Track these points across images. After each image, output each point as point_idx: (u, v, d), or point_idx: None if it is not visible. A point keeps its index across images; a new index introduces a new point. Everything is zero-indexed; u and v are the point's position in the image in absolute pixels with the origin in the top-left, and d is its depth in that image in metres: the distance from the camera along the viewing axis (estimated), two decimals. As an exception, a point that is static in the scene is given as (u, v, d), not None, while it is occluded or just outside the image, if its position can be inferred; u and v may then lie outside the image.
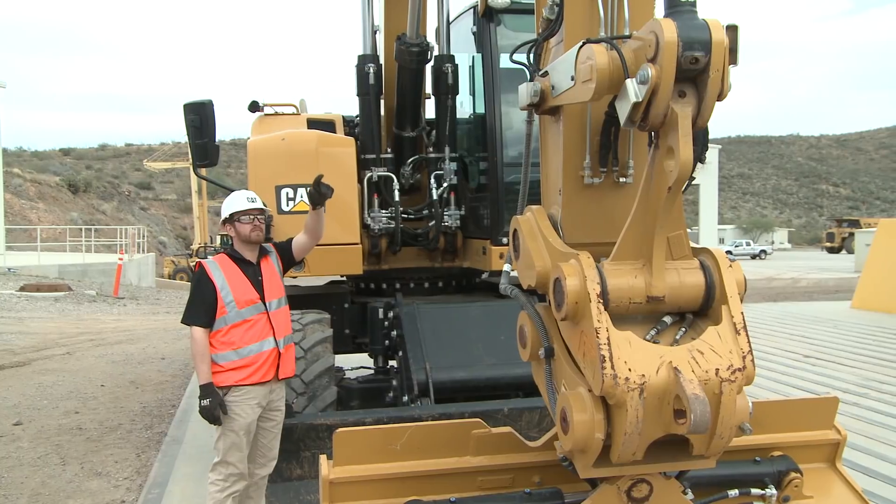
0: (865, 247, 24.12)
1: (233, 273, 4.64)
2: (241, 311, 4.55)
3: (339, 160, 6.33)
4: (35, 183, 50.05)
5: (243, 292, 4.60)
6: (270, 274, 4.80)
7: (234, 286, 4.59)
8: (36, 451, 7.19)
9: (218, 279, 4.58)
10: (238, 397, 4.51)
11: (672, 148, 2.36)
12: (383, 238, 6.65)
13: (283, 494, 5.12)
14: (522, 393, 5.79)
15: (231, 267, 4.67)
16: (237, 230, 4.71)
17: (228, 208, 4.74)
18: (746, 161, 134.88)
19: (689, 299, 2.60)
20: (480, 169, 6.74)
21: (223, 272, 4.63)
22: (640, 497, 2.73)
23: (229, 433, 4.51)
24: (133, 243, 33.74)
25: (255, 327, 4.58)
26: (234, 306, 4.54)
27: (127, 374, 10.90)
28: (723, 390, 2.41)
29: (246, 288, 4.62)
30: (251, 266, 4.72)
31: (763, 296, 24.49)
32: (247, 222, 4.68)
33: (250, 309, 4.59)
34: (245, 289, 4.61)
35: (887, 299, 16.36)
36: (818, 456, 3.36)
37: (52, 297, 20.96)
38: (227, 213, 4.73)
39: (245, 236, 4.70)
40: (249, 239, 4.71)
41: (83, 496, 6.07)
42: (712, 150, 44.23)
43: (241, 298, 4.57)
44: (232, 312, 4.53)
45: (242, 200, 4.74)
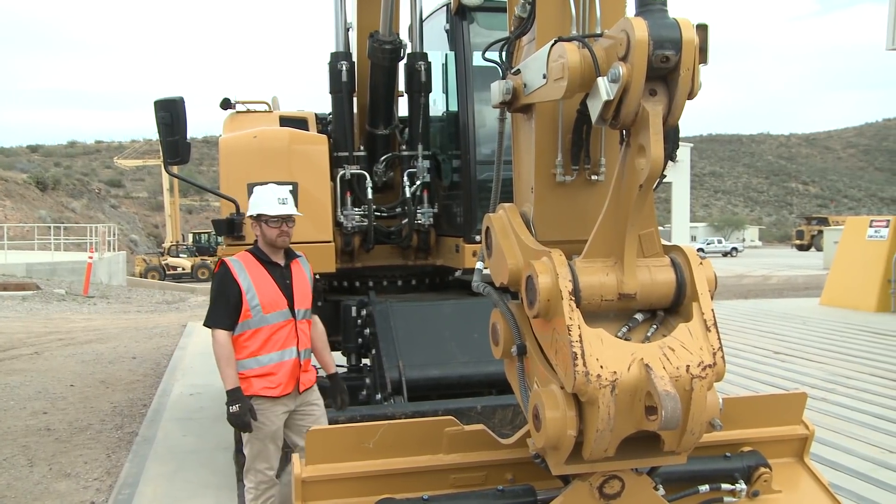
0: (834, 244, 24.44)
1: (259, 274, 4.44)
2: (267, 316, 4.38)
3: (311, 158, 6.30)
4: (1, 180, 49.33)
5: (271, 296, 4.41)
6: (301, 280, 4.61)
7: (260, 289, 4.39)
8: (2, 453, 7.08)
9: (244, 280, 4.38)
10: (261, 405, 4.37)
11: (643, 146, 2.37)
12: (356, 236, 6.63)
13: (255, 494, 5.09)
14: (495, 390, 5.79)
15: (257, 268, 4.46)
16: (263, 231, 4.50)
17: (256, 206, 4.51)
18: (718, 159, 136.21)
19: (660, 296, 2.62)
20: (453, 167, 6.74)
21: (248, 273, 4.42)
22: (612, 493, 2.74)
23: (255, 441, 4.41)
24: (103, 241, 33.39)
25: (278, 334, 4.41)
26: (260, 310, 4.37)
27: (97, 374, 10.78)
28: (693, 387, 2.43)
29: (273, 291, 4.43)
30: (278, 268, 4.53)
31: (734, 293, 24.75)
32: (274, 226, 4.47)
33: (276, 315, 4.41)
34: (273, 292, 4.42)
35: (855, 296, 16.61)
36: (787, 451, 3.40)
37: (19, 296, 20.69)
38: (255, 212, 4.51)
39: (271, 240, 4.50)
40: (275, 244, 4.51)
41: (51, 498, 5.99)
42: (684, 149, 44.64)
43: (268, 303, 4.39)
44: (256, 317, 4.36)
45: (272, 202, 4.48)
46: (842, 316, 15.58)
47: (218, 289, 4.48)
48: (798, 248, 65.33)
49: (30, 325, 16.17)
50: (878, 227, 16.81)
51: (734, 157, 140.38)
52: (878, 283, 16.22)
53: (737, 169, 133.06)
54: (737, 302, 19.73)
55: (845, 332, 13.53)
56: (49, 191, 53.32)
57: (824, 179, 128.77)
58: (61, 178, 58.78)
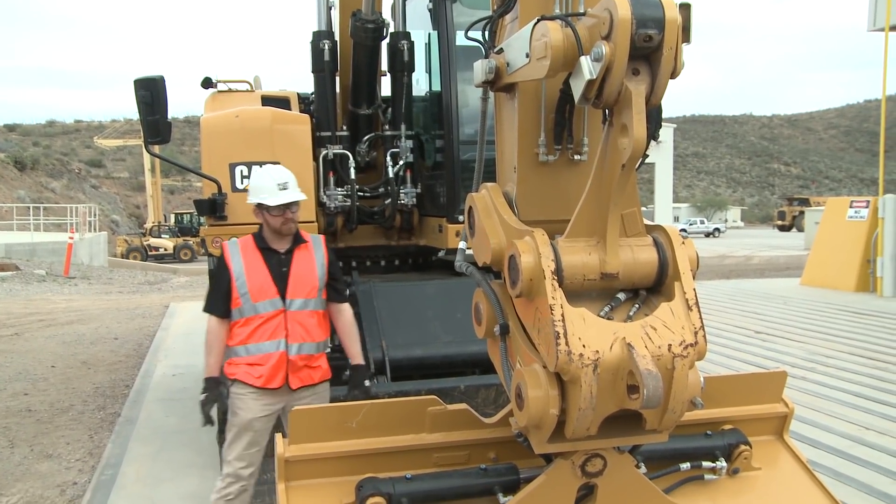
0: (814, 225, 24.64)
1: (253, 260, 4.22)
2: (256, 304, 4.16)
3: (293, 138, 6.26)
4: (-21, 160, 48.77)
5: (260, 284, 4.18)
6: (303, 267, 4.29)
7: (251, 276, 4.18)
8: (-17, 434, 7.05)
9: (235, 266, 4.20)
10: (241, 391, 4.20)
11: (626, 125, 2.37)
12: (339, 216, 6.61)
13: (238, 474, 5.09)
14: (478, 370, 5.81)
15: (253, 253, 4.24)
16: (266, 220, 4.26)
17: (255, 194, 4.26)
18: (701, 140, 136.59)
19: (642, 276, 2.63)
20: (436, 147, 6.73)
21: (243, 258, 4.22)
22: (594, 471, 2.76)
23: (231, 426, 4.24)
24: (84, 222, 33.08)
25: (267, 325, 4.17)
26: (249, 298, 4.15)
27: (79, 355, 10.73)
28: (675, 366, 2.45)
29: (264, 279, 4.19)
30: (276, 255, 4.26)
31: (716, 273, 24.90)
32: (277, 214, 4.21)
33: (266, 304, 4.17)
34: (262, 280, 4.19)
35: (835, 276, 16.77)
36: (767, 429, 3.43)
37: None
38: (254, 201, 4.24)
39: (275, 229, 4.26)
40: (280, 232, 4.28)
41: (33, 478, 5.97)
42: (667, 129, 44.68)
43: (257, 291, 4.16)
44: (246, 305, 4.16)
45: (272, 190, 4.20)
46: (822, 296, 15.73)
47: (214, 273, 4.38)
48: (779, 228, 65.75)
49: (9, 305, 16.04)
50: (857, 207, 16.95)
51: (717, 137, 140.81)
52: (857, 263, 16.38)
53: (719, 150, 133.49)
54: (719, 282, 19.86)
55: (825, 311, 13.67)
56: (28, 170, 52.72)
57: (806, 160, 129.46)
58: (40, 158, 58.12)
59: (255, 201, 4.22)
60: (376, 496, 2.77)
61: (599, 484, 2.81)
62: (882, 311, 13.57)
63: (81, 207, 34.12)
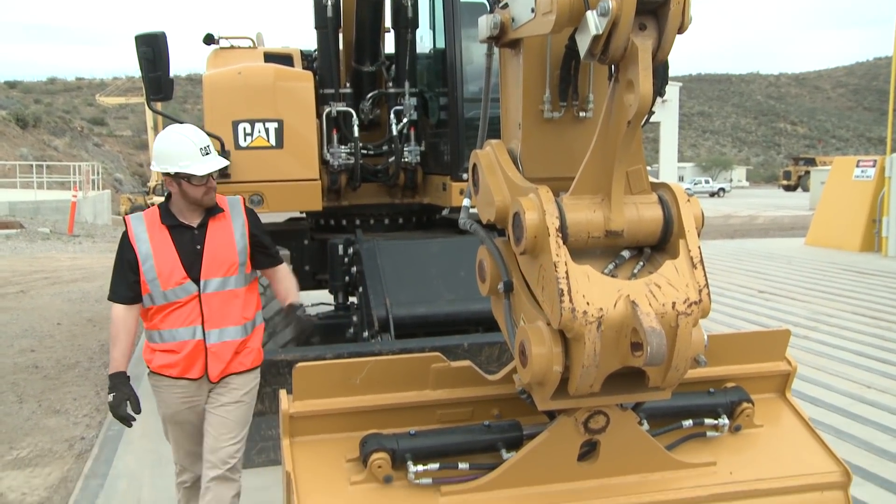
0: (820, 185, 24.51)
1: (161, 240, 3.62)
2: (166, 291, 3.59)
3: (297, 95, 6.23)
4: (-20, 117, 48.57)
5: (170, 268, 3.59)
6: (219, 242, 3.68)
7: (159, 259, 3.59)
8: (-9, 390, 7.13)
9: (142, 247, 3.60)
10: (157, 382, 3.75)
11: (632, 81, 2.34)
12: (343, 174, 6.59)
13: (244, 430, 5.14)
14: (482, 328, 5.84)
15: (160, 231, 3.64)
16: (183, 190, 3.60)
17: (171, 161, 3.57)
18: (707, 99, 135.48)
19: (647, 233, 2.62)
20: (440, 104, 6.68)
21: (150, 239, 3.62)
22: (596, 428, 2.78)
23: (162, 421, 3.89)
24: (87, 180, 33.01)
25: (181, 310, 3.62)
26: (158, 285, 3.58)
27: (84, 312, 10.79)
28: (679, 323, 2.45)
29: (172, 262, 3.59)
30: (188, 232, 3.65)
31: (720, 233, 24.87)
32: (199, 184, 3.59)
33: (176, 290, 3.60)
34: (171, 263, 3.59)
35: (839, 236, 16.73)
36: (769, 387, 3.44)
37: (3, 235, 20.55)
38: (172, 170, 3.57)
39: (195, 200, 3.63)
40: (202, 204, 3.66)
41: (41, 433, 6.04)
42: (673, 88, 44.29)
43: (167, 276, 3.58)
44: (156, 291, 3.59)
45: (195, 156, 3.58)
46: (826, 255, 15.71)
47: (118, 254, 3.70)
48: (785, 188, 65.54)
49: (14, 263, 16.09)
50: (864, 167, 16.85)
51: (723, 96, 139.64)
52: (862, 222, 16.33)
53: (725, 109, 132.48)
54: (723, 242, 19.84)
55: (829, 271, 13.67)
56: (30, 128, 52.45)
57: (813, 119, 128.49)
58: (42, 116, 57.81)
59: (174, 170, 3.56)
60: (380, 451, 2.80)
61: (602, 441, 2.84)
62: (886, 271, 13.56)
63: (84, 166, 34.04)
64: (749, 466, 3.12)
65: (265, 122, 6.04)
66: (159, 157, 3.62)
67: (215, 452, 3.67)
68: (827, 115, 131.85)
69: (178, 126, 3.78)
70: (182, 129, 3.70)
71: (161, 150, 3.62)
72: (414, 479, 2.80)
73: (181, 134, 3.65)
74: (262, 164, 6.06)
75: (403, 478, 2.81)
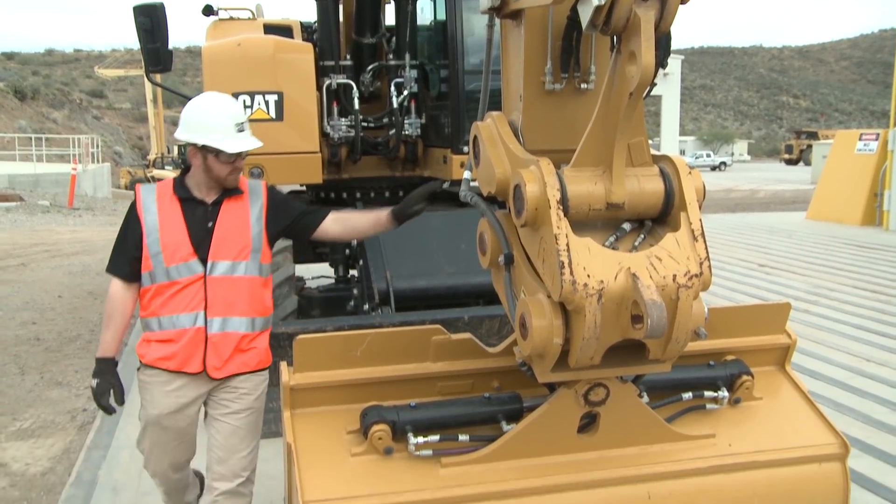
0: (822, 159, 24.43)
1: (170, 213, 3.33)
2: (170, 268, 3.27)
3: (296, 67, 6.18)
4: (-22, 89, 48.31)
5: (176, 242, 3.29)
6: (232, 223, 3.37)
7: (165, 232, 3.29)
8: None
9: (148, 219, 3.31)
10: (147, 378, 3.37)
11: (634, 52, 2.32)
12: (343, 147, 6.56)
13: (245, 402, 5.17)
14: (483, 301, 5.85)
15: (171, 203, 3.35)
16: (208, 166, 3.30)
17: (203, 133, 3.26)
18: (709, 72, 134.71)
19: (648, 206, 2.61)
20: (441, 77, 6.64)
21: (158, 210, 3.33)
22: (596, 400, 2.79)
23: (142, 422, 3.48)
24: (87, 153, 32.89)
25: (183, 293, 3.29)
26: (161, 260, 3.27)
27: (85, 285, 10.80)
28: (679, 296, 2.45)
29: (180, 236, 3.30)
30: (201, 207, 3.36)
31: (721, 207, 24.83)
32: (226, 161, 3.29)
33: (180, 267, 3.28)
34: (178, 237, 3.30)
35: (841, 210, 16.71)
36: (769, 360, 3.45)
37: (3, 208, 20.54)
38: (201, 142, 3.26)
39: (218, 178, 3.34)
40: (225, 183, 3.37)
41: (44, 405, 6.07)
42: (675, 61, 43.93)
43: (172, 251, 3.28)
44: (158, 268, 3.28)
45: (229, 131, 3.28)
46: (827, 229, 15.70)
47: (123, 224, 3.43)
48: (786, 162, 65.37)
49: (14, 236, 16.09)
50: (867, 140, 16.78)
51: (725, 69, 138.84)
52: (864, 196, 16.30)
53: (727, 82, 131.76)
54: (724, 215, 19.82)
55: (830, 245, 13.67)
56: (28, 100, 52.18)
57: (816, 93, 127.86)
58: (40, 88, 57.46)
59: (203, 142, 3.25)
60: (380, 423, 2.81)
61: (602, 413, 2.85)
62: (887, 245, 13.56)
63: (84, 138, 33.88)
64: (748, 438, 3.14)
65: (265, 95, 5.99)
66: (188, 124, 3.31)
67: (225, 464, 3.35)
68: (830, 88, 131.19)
69: (214, 94, 3.46)
70: (219, 99, 3.41)
71: (191, 118, 3.32)
72: (414, 451, 2.82)
73: (217, 104, 3.37)
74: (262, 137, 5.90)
75: (404, 449, 2.83)
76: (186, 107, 3.37)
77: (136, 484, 4.65)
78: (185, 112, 3.35)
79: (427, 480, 2.79)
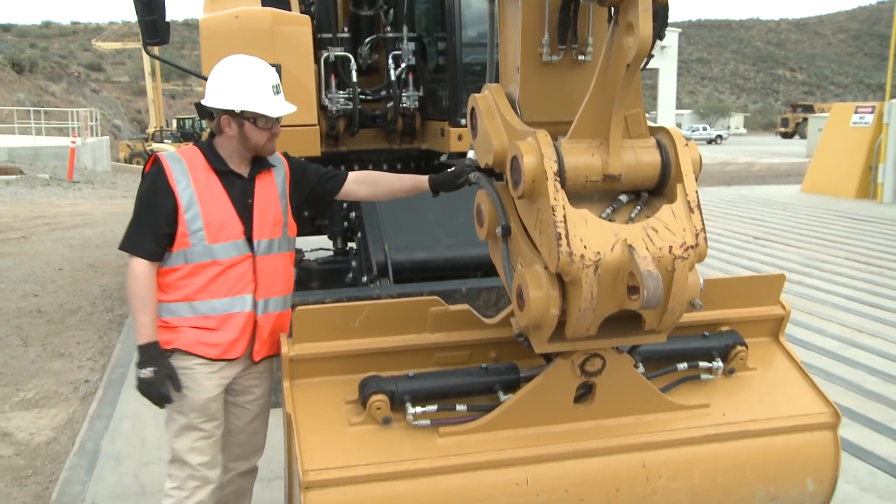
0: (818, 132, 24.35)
1: (210, 187, 3.02)
2: (214, 246, 2.99)
3: (294, 39, 6.12)
4: (-24, 62, 47.95)
5: (221, 219, 3.01)
6: (267, 198, 3.14)
7: (207, 207, 2.99)
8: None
9: (184, 191, 2.96)
10: (186, 363, 3.05)
11: (632, 24, 2.30)
12: (341, 119, 6.52)
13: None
14: (480, 273, 5.85)
15: (209, 177, 3.03)
16: (244, 134, 3.01)
17: (240, 98, 2.97)
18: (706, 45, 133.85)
19: (644, 178, 2.59)
20: (439, 49, 6.59)
21: (194, 183, 2.99)
22: (593, 371, 2.80)
23: (178, 416, 3.09)
24: (86, 126, 32.73)
25: (226, 275, 3.03)
26: (203, 238, 2.98)
27: (85, 258, 10.79)
28: (675, 267, 2.44)
29: (227, 213, 3.02)
30: (240, 181, 3.08)
31: (717, 179, 24.80)
32: (264, 127, 3.02)
33: (227, 246, 3.02)
34: (226, 214, 3.02)
35: (835, 183, 16.68)
36: (763, 330, 3.46)
37: (3, 181, 20.47)
38: (239, 107, 2.97)
39: (256, 146, 3.06)
40: (262, 151, 3.10)
41: (47, 376, 6.09)
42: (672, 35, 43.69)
43: (216, 228, 2.99)
44: (198, 247, 2.98)
45: (268, 95, 3.01)
46: (822, 202, 15.69)
47: (145, 197, 3.02)
48: (782, 135, 65.18)
49: (15, 209, 16.05)
50: (863, 113, 16.72)
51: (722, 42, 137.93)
52: (859, 169, 16.27)
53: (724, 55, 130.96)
54: (720, 188, 19.80)
55: (824, 217, 13.67)
56: (26, 73, 51.81)
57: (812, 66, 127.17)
58: (38, 61, 57.02)
59: (241, 108, 2.97)
60: (379, 394, 2.81)
61: (598, 383, 2.86)
62: (881, 217, 13.57)
63: (83, 111, 33.72)
64: (742, 408, 3.15)
65: None
66: (221, 90, 2.99)
67: (245, 446, 3.31)
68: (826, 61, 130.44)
69: (244, 57, 3.09)
70: (251, 61, 3.06)
71: (223, 84, 3.00)
72: (412, 421, 2.82)
73: (251, 66, 3.04)
74: None
75: (402, 419, 2.84)
76: (216, 72, 3.05)
77: (139, 454, 4.68)
78: (216, 78, 3.03)
79: (425, 450, 2.80)
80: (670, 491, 2.98)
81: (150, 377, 2.94)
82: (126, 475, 4.44)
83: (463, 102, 5.95)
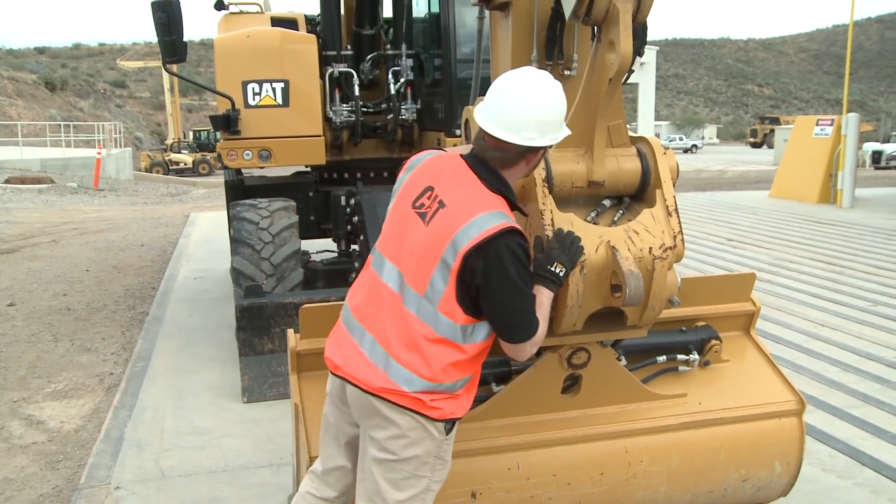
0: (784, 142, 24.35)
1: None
2: None
3: (301, 57, 6.12)
4: (12, 80, 47.71)
5: None
6: None
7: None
8: (30, 329, 7.11)
9: None
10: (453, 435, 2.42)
11: (613, 41, 2.30)
12: (345, 130, 6.52)
13: (255, 367, 5.15)
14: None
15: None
16: (529, 167, 2.33)
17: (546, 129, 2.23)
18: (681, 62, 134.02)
19: (626, 184, 2.58)
20: (435, 65, 6.58)
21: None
22: (579, 363, 2.78)
23: (435, 485, 2.43)
24: (110, 138, 32.71)
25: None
26: None
27: (109, 260, 10.74)
28: (655, 267, 2.43)
29: None
30: None
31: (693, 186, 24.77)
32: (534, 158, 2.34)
33: None
34: None
35: (800, 189, 16.69)
36: (736, 325, 3.44)
37: (35, 189, 20.39)
38: (542, 142, 2.23)
39: (522, 177, 2.40)
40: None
41: (75, 368, 6.05)
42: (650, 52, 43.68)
43: None
44: None
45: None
46: (788, 207, 15.69)
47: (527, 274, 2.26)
48: (752, 145, 65.18)
49: (47, 215, 15.98)
50: (823, 125, 16.74)
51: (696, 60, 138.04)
52: (821, 176, 16.27)
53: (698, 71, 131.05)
54: (695, 194, 19.77)
55: (790, 220, 13.66)
56: (58, 91, 51.74)
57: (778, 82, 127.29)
58: (68, 79, 56.94)
59: (548, 142, 2.25)
60: (381, 385, 2.78)
61: (584, 375, 2.83)
62: (840, 221, 13.56)
63: (108, 125, 33.65)
64: (716, 397, 3.13)
65: (272, 82, 5.94)
66: (542, 122, 2.22)
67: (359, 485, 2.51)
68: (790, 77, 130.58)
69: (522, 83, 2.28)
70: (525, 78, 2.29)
71: (546, 116, 2.23)
72: (411, 410, 2.79)
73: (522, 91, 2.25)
74: (270, 122, 5.99)
75: (402, 408, 2.80)
76: (512, 103, 2.24)
77: (159, 441, 4.64)
78: (518, 110, 2.22)
79: (423, 437, 2.76)
80: (650, 474, 2.96)
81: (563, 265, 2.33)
82: (147, 460, 4.40)
83: (458, 114, 5.93)
